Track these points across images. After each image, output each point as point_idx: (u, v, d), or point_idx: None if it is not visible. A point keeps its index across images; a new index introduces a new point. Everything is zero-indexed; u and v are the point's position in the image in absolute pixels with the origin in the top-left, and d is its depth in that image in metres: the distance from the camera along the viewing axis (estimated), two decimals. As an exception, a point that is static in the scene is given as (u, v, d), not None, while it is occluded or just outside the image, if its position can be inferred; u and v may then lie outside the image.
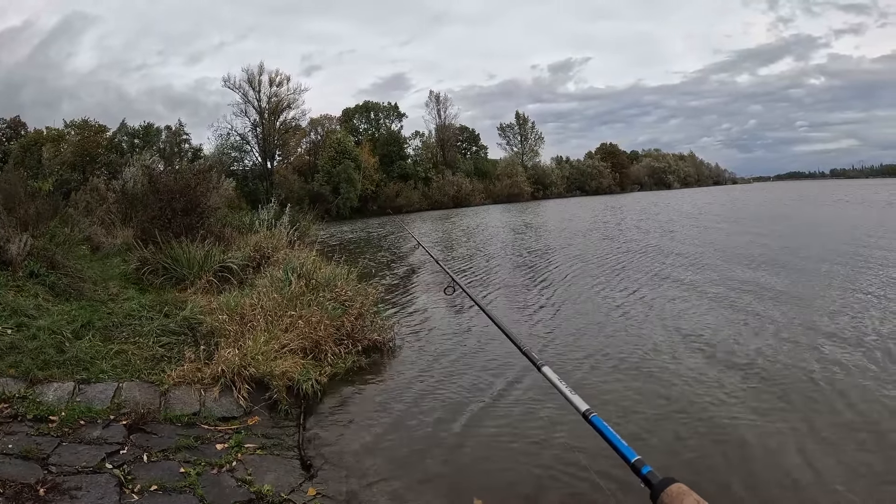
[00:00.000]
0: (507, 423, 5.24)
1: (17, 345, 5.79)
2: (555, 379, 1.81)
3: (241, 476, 4.00)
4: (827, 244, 15.69)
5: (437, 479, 4.40)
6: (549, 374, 1.84)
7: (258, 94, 66.40)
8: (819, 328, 7.57)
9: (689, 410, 5.32)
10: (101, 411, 4.71)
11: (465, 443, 4.96)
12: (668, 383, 6.02)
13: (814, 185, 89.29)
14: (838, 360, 6.34)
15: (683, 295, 10.18)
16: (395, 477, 4.40)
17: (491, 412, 5.53)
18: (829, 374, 5.95)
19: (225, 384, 5.41)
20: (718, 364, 6.50)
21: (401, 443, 4.99)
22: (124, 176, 24.33)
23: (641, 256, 15.69)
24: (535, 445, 4.78)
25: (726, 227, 23.67)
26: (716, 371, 6.28)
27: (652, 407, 5.45)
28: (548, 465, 4.44)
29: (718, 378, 6.06)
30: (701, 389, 5.78)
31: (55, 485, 3.52)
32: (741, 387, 5.79)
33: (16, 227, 9.44)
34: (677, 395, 5.70)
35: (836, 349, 6.70)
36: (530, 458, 4.60)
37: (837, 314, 8.17)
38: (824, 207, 34.37)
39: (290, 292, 7.81)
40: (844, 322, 7.76)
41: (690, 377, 6.14)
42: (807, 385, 5.75)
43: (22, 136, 54.11)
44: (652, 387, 5.96)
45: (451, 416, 5.48)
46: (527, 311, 9.83)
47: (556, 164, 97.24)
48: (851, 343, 6.91)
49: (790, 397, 5.48)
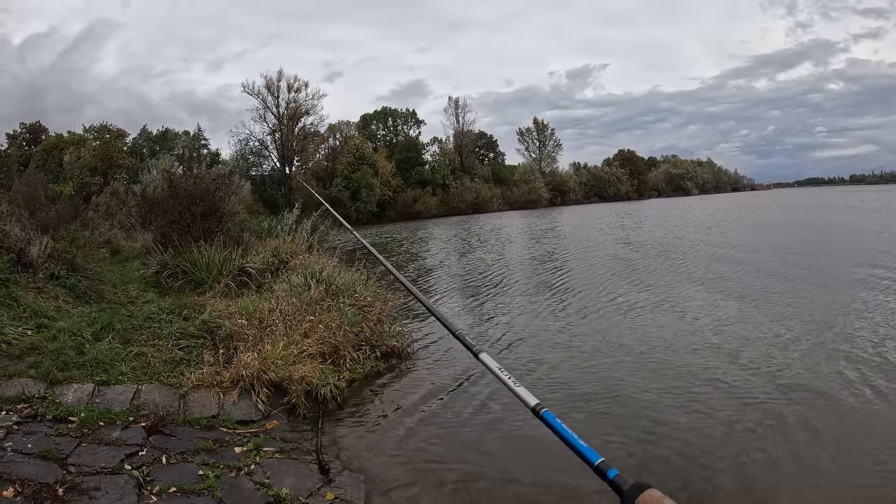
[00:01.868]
0: (530, 434, 5.13)
1: (38, 346, 5.83)
2: (495, 368, 1.59)
3: (259, 479, 3.97)
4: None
5: (454, 487, 4.34)
6: (488, 362, 1.63)
7: (277, 100, 66.85)
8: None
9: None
10: (121, 413, 4.71)
11: (484, 451, 4.89)
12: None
13: (845, 191, 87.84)
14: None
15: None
16: (412, 483, 4.36)
17: (509, 422, 5.41)
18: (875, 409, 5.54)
19: (244, 388, 5.40)
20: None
21: (419, 449, 4.93)
22: (144, 180, 24.55)
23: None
24: (559, 459, 4.67)
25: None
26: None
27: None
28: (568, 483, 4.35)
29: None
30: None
31: (74, 485, 3.51)
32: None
33: (37, 230, 9.49)
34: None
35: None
36: (553, 473, 4.50)
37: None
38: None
39: (310, 297, 7.79)
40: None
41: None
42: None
43: (42, 141, 54.79)
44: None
45: (469, 425, 5.42)
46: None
47: (574, 170, 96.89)
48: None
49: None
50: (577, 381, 6.43)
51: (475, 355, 1.66)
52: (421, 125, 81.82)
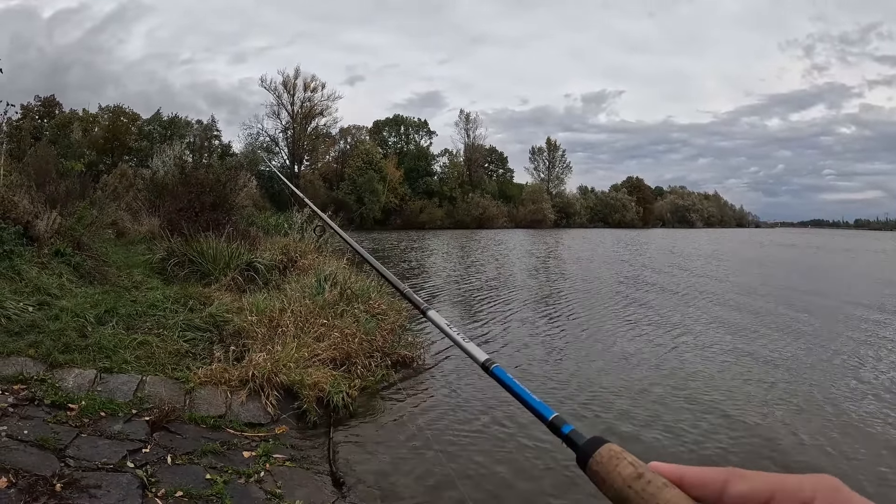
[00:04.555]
0: (536, 455, 4.91)
1: (39, 324, 5.59)
2: (443, 324, 1.47)
3: (269, 489, 3.70)
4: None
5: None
6: (436, 318, 1.51)
7: (292, 98, 66.86)
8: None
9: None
10: (123, 404, 4.46)
11: (496, 469, 4.69)
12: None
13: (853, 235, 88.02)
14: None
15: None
16: (428, 501, 4.15)
17: (523, 436, 5.26)
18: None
19: (253, 389, 5.14)
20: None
21: (433, 464, 4.69)
22: (154, 164, 24.34)
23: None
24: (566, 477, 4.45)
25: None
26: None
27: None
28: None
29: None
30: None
31: (73, 480, 3.26)
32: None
33: (45, 204, 9.27)
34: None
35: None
36: (561, 491, 4.35)
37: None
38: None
39: (324, 300, 7.53)
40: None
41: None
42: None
43: (56, 116, 54.70)
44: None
45: (482, 439, 5.24)
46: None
47: (581, 193, 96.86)
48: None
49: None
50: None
51: (423, 312, 1.52)
52: (432, 136, 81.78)
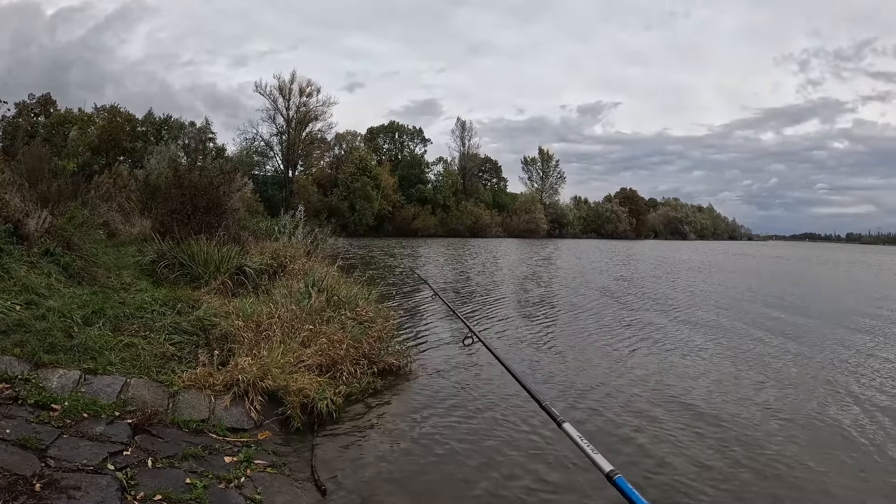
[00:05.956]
0: (518, 463, 4.94)
1: (25, 323, 5.60)
2: (576, 436, 1.60)
3: (249, 494, 3.72)
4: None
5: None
6: (571, 431, 1.63)
7: (287, 102, 66.86)
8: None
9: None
10: (106, 406, 4.47)
11: (479, 479, 4.68)
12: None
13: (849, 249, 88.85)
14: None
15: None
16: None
17: (506, 442, 5.34)
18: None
19: (237, 393, 5.16)
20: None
21: (417, 472, 4.71)
22: (148, 165, 24.32)
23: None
24: (552, 493, 4.48)
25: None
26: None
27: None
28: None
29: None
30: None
31: (53, 480, 3.27)
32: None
33: (36, 203, 9.27)
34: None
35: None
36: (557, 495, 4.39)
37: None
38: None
39: (310, 306, 7.56)
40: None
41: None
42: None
43: (51, 114, 54.55)
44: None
45: (465, 450, 5.21)
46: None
47: (574, 203, 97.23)
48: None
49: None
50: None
51: (559, 425, 1.63)
52: (427, 144, 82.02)
